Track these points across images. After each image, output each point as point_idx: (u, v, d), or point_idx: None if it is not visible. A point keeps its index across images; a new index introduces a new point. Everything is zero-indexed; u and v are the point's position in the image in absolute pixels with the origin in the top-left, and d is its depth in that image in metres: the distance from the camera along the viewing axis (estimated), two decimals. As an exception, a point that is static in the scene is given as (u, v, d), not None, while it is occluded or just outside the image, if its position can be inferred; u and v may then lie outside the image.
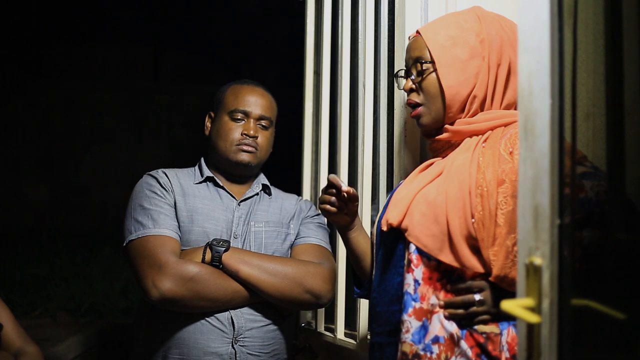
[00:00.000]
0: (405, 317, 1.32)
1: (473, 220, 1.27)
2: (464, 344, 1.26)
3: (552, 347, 0.87)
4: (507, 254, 1.23)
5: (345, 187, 1.49)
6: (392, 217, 1.38)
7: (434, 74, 1.42)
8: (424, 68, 1.43)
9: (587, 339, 0.95)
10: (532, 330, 0.89)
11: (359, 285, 1.65)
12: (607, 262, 1.05)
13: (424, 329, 1.30)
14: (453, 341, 1.27)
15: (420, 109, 1.45)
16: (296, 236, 1.94)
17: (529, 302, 0.89)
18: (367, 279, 1.60)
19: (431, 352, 1.28)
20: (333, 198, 1.52)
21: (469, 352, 1.25)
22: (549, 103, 0.89)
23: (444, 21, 1.47)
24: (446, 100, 1.40)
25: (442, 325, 1.28)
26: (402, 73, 1.51)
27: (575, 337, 0.88)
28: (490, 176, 1.28)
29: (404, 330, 1.32)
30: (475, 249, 1.28)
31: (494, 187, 1.27)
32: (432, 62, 1.42)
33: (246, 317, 1.78)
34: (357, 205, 1.56)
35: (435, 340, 1.28)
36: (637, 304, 0.95)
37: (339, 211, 1.54)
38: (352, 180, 2.12)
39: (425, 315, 1.31)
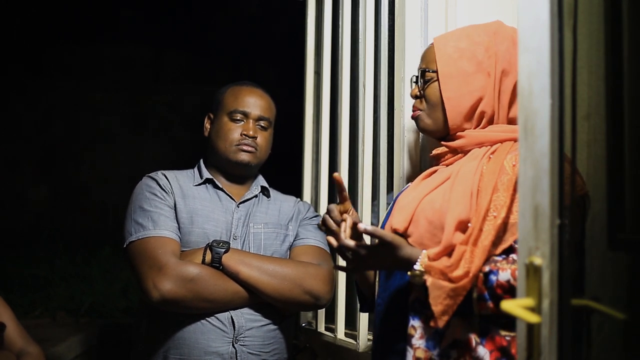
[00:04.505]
0: (417, 322, 1.29)
1: (470, 225, 1.27)
2: (482, 349, 1.23)
3: (552, 347, 0.87)
4: (484, 251, 1.21)
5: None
6: (397, 222, 1.37)
7: (436, 84, 1.43)
8: (427, 77, 1.45)
9: (587, 339, 0.95)
10: (532, 330, 0.89)
11: (363, 304, 1.66)
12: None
13: (439, 334, 1.27)
14: (470, 346, 1.24)
15: (419, 112, 1.47)
16: (295, 238, 1.94)
17: (529, 302, 0.89)
18: (370, 294, 1.59)
19: (448, 357, 1.25)
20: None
21: (487, 358, 1.22)
22: (549, 103, 0.89)
23: (458, 32, 1.48)
24: (447, 111, 1.41)
25: (459, 330, 1.25)
26: (414, 79, 1.52)
27: (575, 337, 0.88)
28: (487, 183, 1.28)
29: (417, 336, 1.29)
30: None
31: (488, 193, 1.27)
32: (437, 71, 1.43)
33: (246, 317, 1.78)
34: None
35: (453, 345, 1.25)
36: (637, 304, 0.95)
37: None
38: (352, 180, 2.12)
39: None
